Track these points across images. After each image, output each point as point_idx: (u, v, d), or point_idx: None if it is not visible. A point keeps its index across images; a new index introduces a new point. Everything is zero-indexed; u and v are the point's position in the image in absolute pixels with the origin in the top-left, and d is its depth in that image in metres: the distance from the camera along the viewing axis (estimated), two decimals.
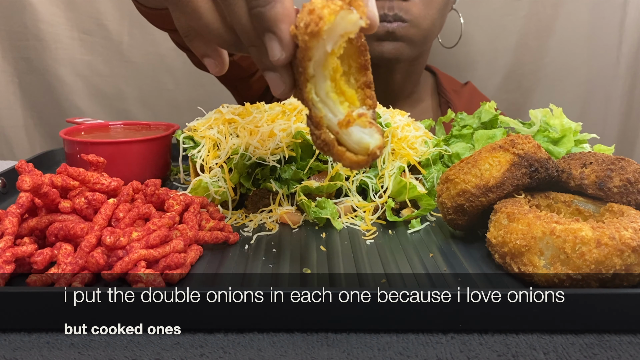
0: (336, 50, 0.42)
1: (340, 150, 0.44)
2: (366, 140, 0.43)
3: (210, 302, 0.43)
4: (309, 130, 0.48)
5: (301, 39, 0.41)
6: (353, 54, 0.45)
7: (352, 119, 0.43)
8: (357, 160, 0.44)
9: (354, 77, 0.46)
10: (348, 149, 0.44)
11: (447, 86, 1.19)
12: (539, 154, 0.57)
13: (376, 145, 0.43)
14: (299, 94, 0.46)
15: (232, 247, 0.58)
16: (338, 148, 0.44)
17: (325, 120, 0.44)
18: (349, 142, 0.44)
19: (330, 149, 0.45)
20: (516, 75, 1.39)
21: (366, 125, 0.43)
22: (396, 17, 0.96)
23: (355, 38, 0.44)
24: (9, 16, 1.32)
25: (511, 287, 0.50)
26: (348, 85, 0.45)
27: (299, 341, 0.43)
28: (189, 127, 0.77)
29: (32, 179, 0.50)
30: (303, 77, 0.44)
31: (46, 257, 0.49)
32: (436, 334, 0.44)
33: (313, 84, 0.44)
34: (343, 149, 0.44)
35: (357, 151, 0.44)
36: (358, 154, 0.44)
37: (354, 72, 0.46)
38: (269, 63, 0.45)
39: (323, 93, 0.44)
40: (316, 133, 0.45)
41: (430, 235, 0.62)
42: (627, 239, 0.45)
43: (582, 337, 0.43)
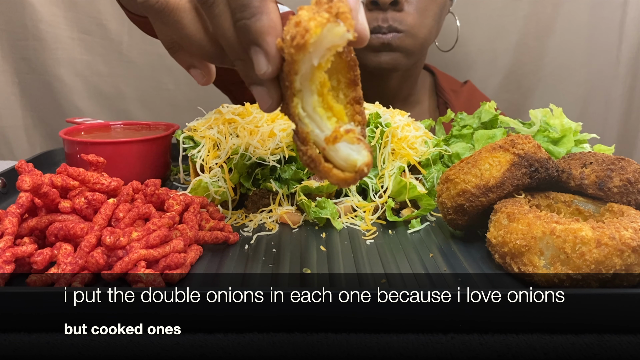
0: (323, 64, 0.41)
1: (327, 167, 0.43)
2: (353, 157, 0.42)
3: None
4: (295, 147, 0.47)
5: (287, 52, 0.40)
6: (342, 68, 0.44)
7: (339, 134, 0.42)
8: (344, 178, 0.43)
9: (343, 92, 0.45)
10: (335, 166, 0.43)
11: (446, 86, 1.18)
12: (539, 154, 0.57)
13: (364, 163, 0.42)
14: (285, 109, 0.45)
15: (232, 247, 0.58)
16: (324, 165, 0.43)
17: (312, 135, 0.43)
18: (335, 158, 0.43)
19: (316, 166, 0.43)
20: (516, 75, 1.39)
21: (354, 141, 0.42)
22: (391, 29, 0.96)
23: (344, 52, 0.43)
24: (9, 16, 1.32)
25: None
26: (336, 100, 0.44)
27: (299, 341, 0.43)
28: (189, 127, 0.77)
29: (32, 179, 0.50)
30: (290, 91, 0.42)
31: (46, 257, 0.49)
32: (436, 334, 0.44)
33: (300, 98, 0.42)
34: (330, 165, 0.43)
35: (344, 168, 0.43)
36: (345, 170, 0.43)
37: (343, 87, 0.45)
38: (255, 77, 0.43)
39: (310, 108, 0.43)
40: (302, 149, 0.44)
41: (430, 235, 0.62)
42: (627, 239, 0.45)
43: (582, 337, 0.43)
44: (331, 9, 0.39)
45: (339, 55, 0.43)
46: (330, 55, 0.41)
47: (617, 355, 0.41)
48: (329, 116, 0.43)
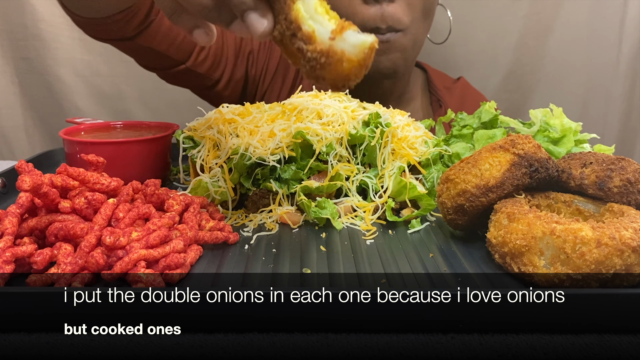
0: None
1: (339, 52, 0.46)
2: (362, 38, 0.46)
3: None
4: (292, 61, 0.51)
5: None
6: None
7: (345, 25, 0.46)
8: (358, 60, 0.46)
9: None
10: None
11: (439, 83, 1.18)
12: (539, 154, 0.57)
13: (374, 41, 0.46)
14: (280, 28, 0.48)
15: (232, 247, 0.58)
16: (336, 50, 0.46)
17: (317, 34, 0.47)
18: (344, 46, 0.46)
19: (328, 56, 0.47)
20: (516, 75, 1.38)
21: (357, 29, 0.47)
22: (389, 29, 0.96)
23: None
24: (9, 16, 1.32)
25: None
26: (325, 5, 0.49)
27: (299, 341, 0.43)
28: (189, 127, 0.77)
29: (32, 179, 0.50)
30: (288, 1, 0.47)
31: (46, 257, 0.49)
32: (436, 334, 0.44)
33: (301, 2, 0.47)
34: (341, 50, 0.46)
35: (354, 55, 0.46)
36: (355, 57, 0.47)
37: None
38: (249, 2, 0.47)
39: (311, 9, 0.47)
40: (309, 48, 0.47)
41: (430, 235, 0.62)
42: (627, 239, 0.45)
43: (582, 337, 0.43)
44: None
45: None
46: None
47: (617, 355, 0.41)
48: (326, 17, 0.48)
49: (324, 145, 0.67)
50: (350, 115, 0.70)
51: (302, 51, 0.48)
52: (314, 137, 0.67)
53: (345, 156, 0.69)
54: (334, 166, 0.68)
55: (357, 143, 0.70)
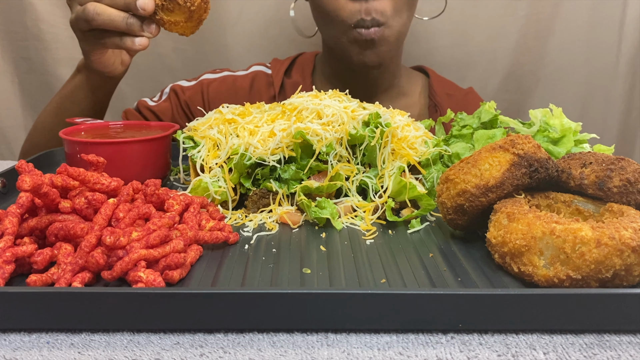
0: None
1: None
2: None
3: (210, 302, 0.43)
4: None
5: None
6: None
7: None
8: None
9: None
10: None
11: (439, 89, 1.18)
12: (539, 154, 0.57)
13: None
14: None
15: (232, 247, 0.58)
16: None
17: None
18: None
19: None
20: (516, 76, 1.38)
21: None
22: (374, 22, 0.96)
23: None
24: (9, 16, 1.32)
25: (511, 287, 0.50)
26: None
27: (299, 341, 0.43)
28: (189, 127, 0.77)
29: (32, 179, 0.50)
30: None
31: (46, 257, 0.49)
32: (436, 334, 0.44)
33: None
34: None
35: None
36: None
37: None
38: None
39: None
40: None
41: (430, 235, 0.62)
42: (627, 239, 0.45)
43: (582, 337, 0.43)
44: None
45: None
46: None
47: (617, 355, 0.41)
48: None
49: (324, 145, 0.67)
50: (350, 115, 0.70)
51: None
52: (314, 137, 0.67)
53: (345, 156, 0.69)
54: (334, 166, 0.68)
55: (357, 143, 0.70)
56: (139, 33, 0.75)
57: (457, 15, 1.33)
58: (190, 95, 1.14)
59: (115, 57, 0.90)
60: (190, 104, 1.14)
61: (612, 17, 1.33)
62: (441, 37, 1.35)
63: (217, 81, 1.16)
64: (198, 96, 1.14)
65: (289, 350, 0.42)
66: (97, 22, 0.75)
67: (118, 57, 0.90)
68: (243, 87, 1.16)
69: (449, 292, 0.44)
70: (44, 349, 0.42)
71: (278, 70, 1.17)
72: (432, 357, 0.41)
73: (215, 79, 1.17)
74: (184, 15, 0.70)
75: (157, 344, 0.42)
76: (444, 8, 1.14)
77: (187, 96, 1.14)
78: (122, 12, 0.75)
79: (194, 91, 1.14)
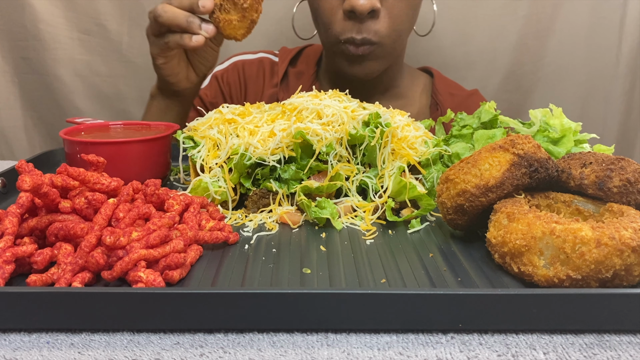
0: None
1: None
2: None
3: (210, 302, 0.43)
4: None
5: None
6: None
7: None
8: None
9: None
10: None
11: (441, 88, 1.17)
12: (539, 154, 0.57)
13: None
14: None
15: (232, 247, 0.58)
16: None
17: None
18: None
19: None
20: (516, 76, 1.38)
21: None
22: (364, 41, 0.95)
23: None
24: (9, 16, 1.32)
25: (511, 287, 0.50)
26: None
27: (299, 341, 0.43)
28: (189, 127, 0.77)
29: (32, 179, 0.50)
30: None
31: (46, 257, 0.49)
32: (436, 334, 0.44)
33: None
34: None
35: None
36: None
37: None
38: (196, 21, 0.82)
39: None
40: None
41: (430, 235, 0.62)
42: (627, 239, 0.45)
43: (582, 337, 0.43)
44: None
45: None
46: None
47: (617, 355, 0.41)
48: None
49: (324, 145, 0.67)
50: (350, 115, 0.70)
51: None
52: (314, 137, 0.67)
53: (345, 156, 0.69)
54: (334, 166, 0.68)
55: (357, 143, 0.70)
56: (197, 31, 0.82)
57: (457, 15, 1.33)
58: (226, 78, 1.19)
59: (180, 68, 0.92)
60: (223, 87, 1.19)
61: (612, 17, 1.33)
62: (441, 37, 1.35)
63: (228, 69, 1.19)
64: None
65: (289, 350, 0.42)
66: (163, 18, 0.82)
67: (183, 69, 0.93)
68: (250, 72, 1.18)
69: (449, 292, 0.44)
70: (44, 349, 0.42)
71: (284, 58, 1.18)
72: (432, 357, 0.41)
73: (227, 68, 1.20)
74: (238, 14, 0.78)
75: (157, 344, 0.42)
76: (432, 25, 1.14)
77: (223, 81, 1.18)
78: (185, 11, 0.82)
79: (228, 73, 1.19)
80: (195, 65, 0.95)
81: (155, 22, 0.85)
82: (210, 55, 0.94)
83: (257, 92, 1.17)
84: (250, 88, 1.17)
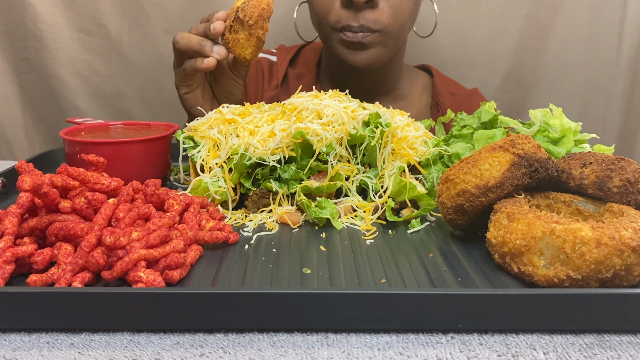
0: None
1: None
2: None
3: (210, 302, 0.43)
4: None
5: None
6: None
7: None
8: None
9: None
10: None
11: (442, 88, 1.17)
12: (539, 154, 0.57)
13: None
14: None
15: (232, 247, 0.58)
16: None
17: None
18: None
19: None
20: (516, 76, 1.38)
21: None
22: (362, 28, 0.95)
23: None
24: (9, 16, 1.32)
25: (511, 287, 0.50)
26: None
27: (299, 341, 0.43)
28: (189, 127, 0.77)
29: (32, 179, 0.50)
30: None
31: (46, 257, 0.49)
32: (436, 334, 0.44)
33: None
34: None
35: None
36: None
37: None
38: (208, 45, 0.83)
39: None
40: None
41: (430, 235, 0.62)
42: (627, 239, 0.45)
43: (582, 337, 0.43)
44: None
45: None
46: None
47: (617, 355, 0.41)
48: None
49: (324, 145, 0.67)
50: (350, 115, 0.70)
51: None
52: (314, 137, 0.67)
53: (345, 156, 0.69)
54: (334, 166, 0.68)
55: (357, 143, 0.70)
56: (209, 53, 0.83)
57: (457, 15, 1.33)
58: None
59: (205, 101, 0.93)
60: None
61: (612, 17, 1.33)
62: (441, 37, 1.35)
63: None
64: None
65: (289, 350, 0.42)
66: (180, 44, 0.85)
67: (208, 103, 0.94)
68: (249, 75, 1.16)
69: (449, 292, 0.44)
70: (44, 349, 0.42)
71: (283, 59, 1.17)
72: (432, 357, 0.41)
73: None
74: (245, 32, 0.81)
75: (157, 344, 0.42)
76: (434, 27, 1.14)
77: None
78: (199, 36, 0.85)
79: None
80: (219, 99, 0.95)
81: (174, 51, 0.87)
82: (234, 88, 0.94)
83: (257, 94, 1.16)
84: (250, 90, 1.16)
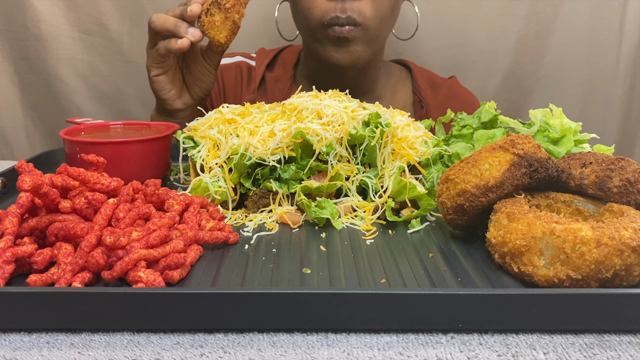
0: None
1: None
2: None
3: (210, 302, 0.43)
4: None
5: None
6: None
7: None
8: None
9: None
10: None
11: (422, 83, 1.16)
12: (539, 154, 0.57)
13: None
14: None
15: (232, 247, 0.58)
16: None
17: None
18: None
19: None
20: (516, 76, 1.38)
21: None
22: (349, 20, 0.95)
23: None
24: (9, 16, 1.32)
25: (511, 287, 0.50)
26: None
27: (299, 341, 0.43)
28: (189, 127, 0.77)
29: (32, 179, 0.50)
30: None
31: (46, 257, 0.49)
32: (436, 334, 0.44)
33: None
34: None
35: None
36: None
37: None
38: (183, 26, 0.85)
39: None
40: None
41: (430, 235, 0.62)
42: (627, 239, 0.45)
43: (582, 337, 0.43)
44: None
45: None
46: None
47: (617, 355, 0.41)
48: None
49: (324, 145, 0.67)
50: (350, 115, 0.70)
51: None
52: (314, 137, 0.67)
53: (345, 156, 0.69)
54: (334, 166, 0.68)
55: (357, 143, 0.70)
56: (183, 34, 0.84)
57: (457, 15, 1.33)
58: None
59: (174, 85, 0.94)
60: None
61: (612, 17, 1.33)
62: (441, 37, 1.35)
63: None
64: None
65: (289, 350, 0.42)
66: (155, 24, 0.86)
67: (177, 87, 0.94)
68: (229, 79, 1.17)
69: (449, 292, 0.44)
70: (44, 349, 0.42)
71: (261, 63, 1.17)
72: (432, 357, 0.41)
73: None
74: (221, 15, 0.82)
75: (157, 344, 0.42)
76: (416, 29, 1.14)
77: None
78: (175, 18, 0.86)
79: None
80: (190, 85, 0.95)
81: (149, 31, 0.87)
82: (205, 76, 0.94)
83: (236, 98, 1.17)
84: (229, 94, 1.17)
